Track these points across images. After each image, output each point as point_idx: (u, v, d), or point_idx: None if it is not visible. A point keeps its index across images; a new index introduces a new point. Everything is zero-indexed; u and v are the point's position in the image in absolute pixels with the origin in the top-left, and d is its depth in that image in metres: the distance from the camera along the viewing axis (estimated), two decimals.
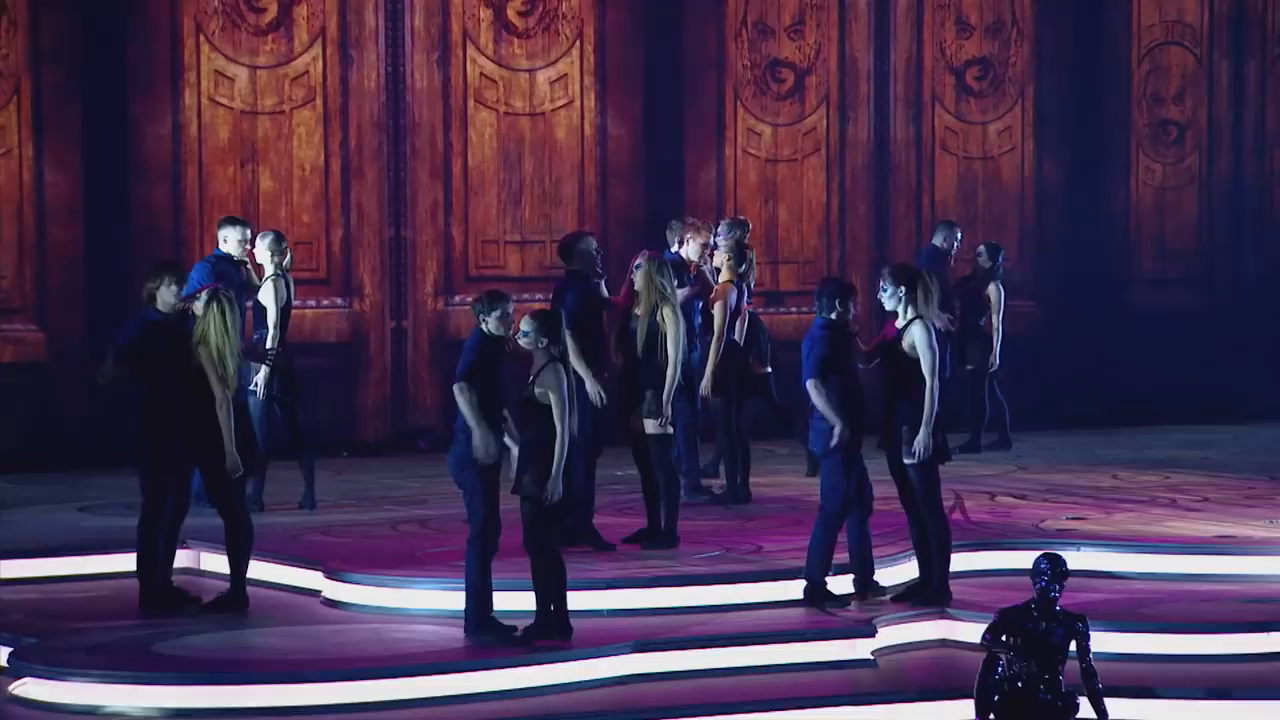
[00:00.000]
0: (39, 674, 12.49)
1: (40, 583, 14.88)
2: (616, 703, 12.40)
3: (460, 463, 12.91)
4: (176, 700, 12.13)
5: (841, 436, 13.56)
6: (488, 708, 12.20)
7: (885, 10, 21.93)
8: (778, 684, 12.75)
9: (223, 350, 13.73)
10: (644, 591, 13.89)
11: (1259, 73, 23.11)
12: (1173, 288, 22.93)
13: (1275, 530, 15.75)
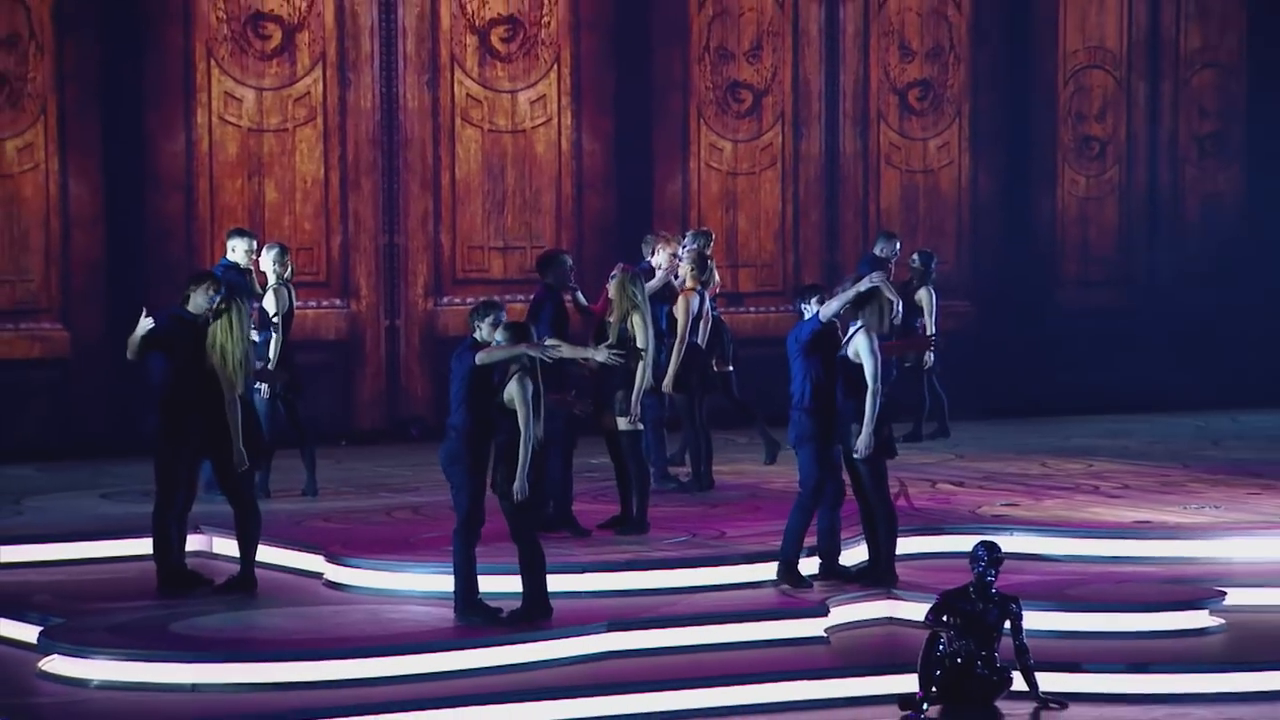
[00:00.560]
0: (66, 652, 12.43)
1: (65, 565, 14.78)
2: (593, 678, 12.35)
3: (450, 458, 12.86)
4: (191, 676, 12.08)
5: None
6: (475, 683, 12.14)
7: (835, 36, 21.88)
8: (740, 660, 12.71)
9: (232, 353, 13.68)
10: (618, 574, 13.83)
11: (1172, 93, 23.09)
12: (1095, 289, 22.92)
13: (1190, 515, 15.70)
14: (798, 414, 13.75)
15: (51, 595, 13.80)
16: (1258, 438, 20.21)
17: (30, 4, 19.35)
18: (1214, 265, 22.97)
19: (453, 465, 12.85)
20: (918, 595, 13.35)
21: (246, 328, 13.93)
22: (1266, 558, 14.72)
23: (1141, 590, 13.89)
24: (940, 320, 19.49)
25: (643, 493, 14.92)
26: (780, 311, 21.69)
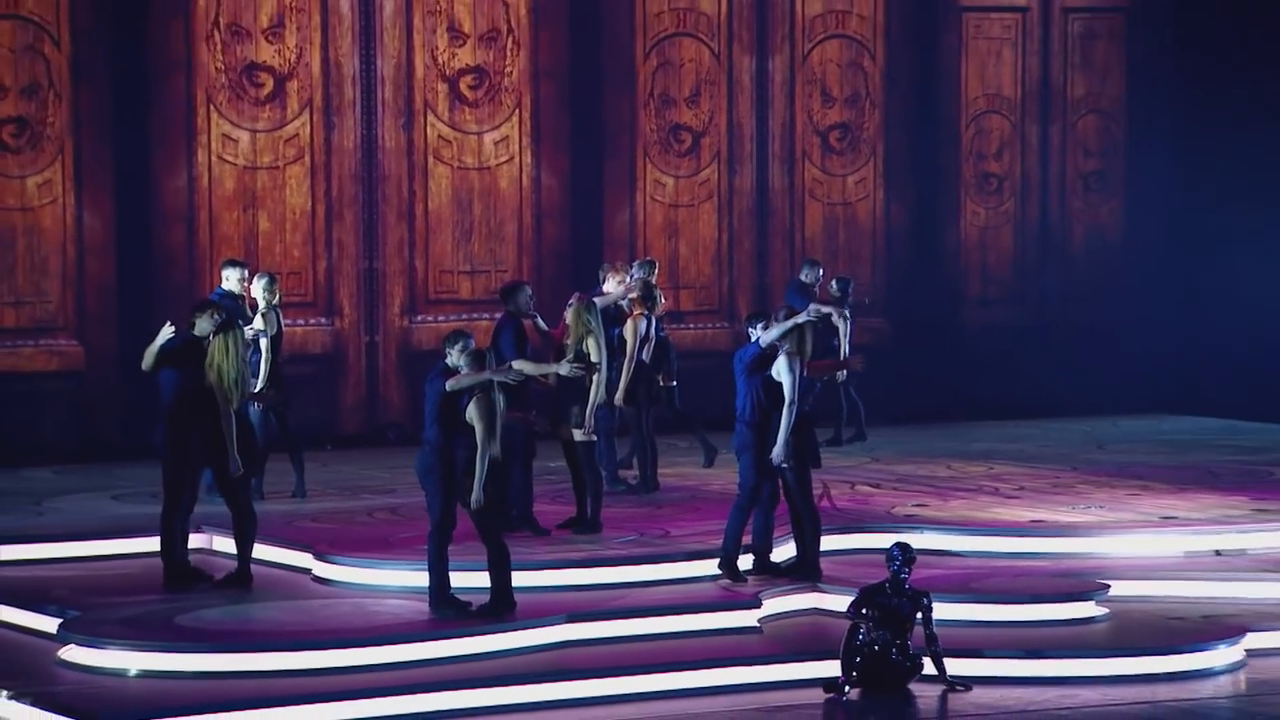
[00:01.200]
0: (81, 642, 12.38)
1: (81, 561, 14.72)
2: (553, 665, 12.36)
3: (424, 469, 12.85)
4: (194, 665, 12.04)
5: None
6: (447, 670, 12.13)
7: (765, 85, 21.85)
8: (683, 648, 12.70)
9: (228, 373, 13.64)
10: (575, 571, 13.82)
11: (1060, 135, 23.11)
12: (994, 307, 22.90)
13: (1078, 515, 15.70)
14: (740, 426, 13.77)
15: (69, 589, 13.72)
16: (1138, 442, 20.14)
17: (49, 56, 19.27)
18: (1098, 287, 22.96)
19: (427, 476, 12.83)
20: (840, 588, 13.37)
21: (242, 350, 13.91)
22: (1146, 553, 14.81)
23: (1035, 583, 13.91)
24: (855, 336, 19.47)
25: (596, 496, 14.90)
26: (716, 328, 21.73)
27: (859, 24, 22.24)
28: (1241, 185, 22.03)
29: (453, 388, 12.63)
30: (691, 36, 21.64)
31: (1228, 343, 21.83)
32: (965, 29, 22.79)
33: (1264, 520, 15.47)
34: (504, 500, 13.16)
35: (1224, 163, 22.22)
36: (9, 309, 19.37)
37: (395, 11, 20.44)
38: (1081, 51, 23.16)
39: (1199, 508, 15.89)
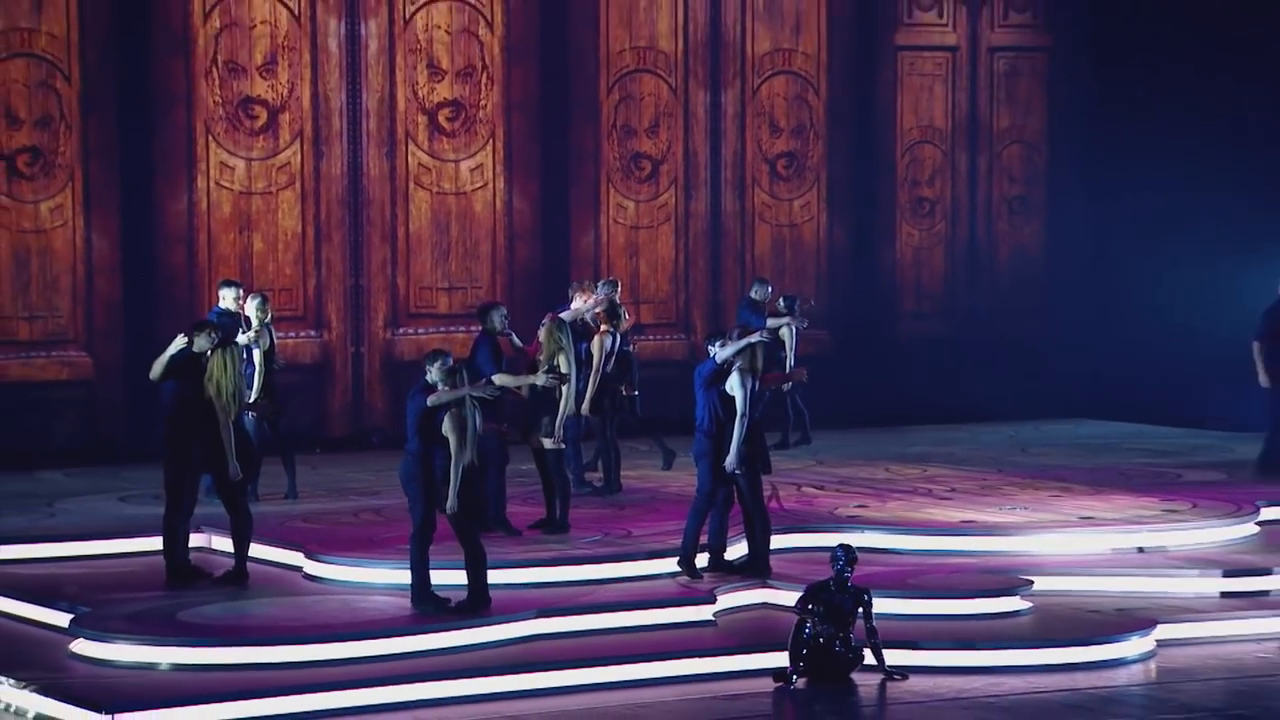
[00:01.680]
0: (90, 636, 12.30)
1: (90, 559, 14.62)
2: (524, 657, 12.31)
3: (407, 477, 12.81)
4: (195, 658, 12.01)
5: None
6: (428, 662, 12.10)
7: (718, 117, 21.83)
8: (644, 640, 12.67)
9: (225, 386, 13.58)
10: (544, 569, 13.77)
11: (987, 163, 23.13)
12: (927, 320, 22.91)
13: (1004, 515, 15.66)
14: (699, 434, 13.76)
15: (79, 586, 13.62)
16: (1057, 445, 20.11)
17: (60, 91, 19.18)
18: (1020, 302, 22.99)
19: (409, 483, 12.78)
20: (788, 585, 13.34)
21: (238, 365, 13.86)
22: (1066, 551, 14.76)
23: (966, 580, 13.89)
24: (800, 348, 19.44)
25: (564, 499, 14.85)
26: (674, 340, 21.70)
27: (804, 61, 22.22)
28: (1151, 210, 22.07)
29: (433, 403, 12.61)
30: (651, 73, 21.60)
31: (1137, 353, 21.85)
32: (900, 66, 22.79)
33: (1178, 520, 15.42)
34: (480, 505, 13.10)
35: (1135, 189, 22.25)
36: (24, 323, 19.26)
37: (379, 50, 20.38)
38: (1006, 87, 23.18)
39: (1114, 508, 15.86)
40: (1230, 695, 12.12)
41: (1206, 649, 13.05)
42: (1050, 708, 11.72)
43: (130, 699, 11.26)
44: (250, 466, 14.21)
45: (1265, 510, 15.83)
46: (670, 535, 14.20)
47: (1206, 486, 16.93)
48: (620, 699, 11.86)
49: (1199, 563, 14.39)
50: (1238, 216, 21.11)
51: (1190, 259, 21.52)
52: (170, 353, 13.55)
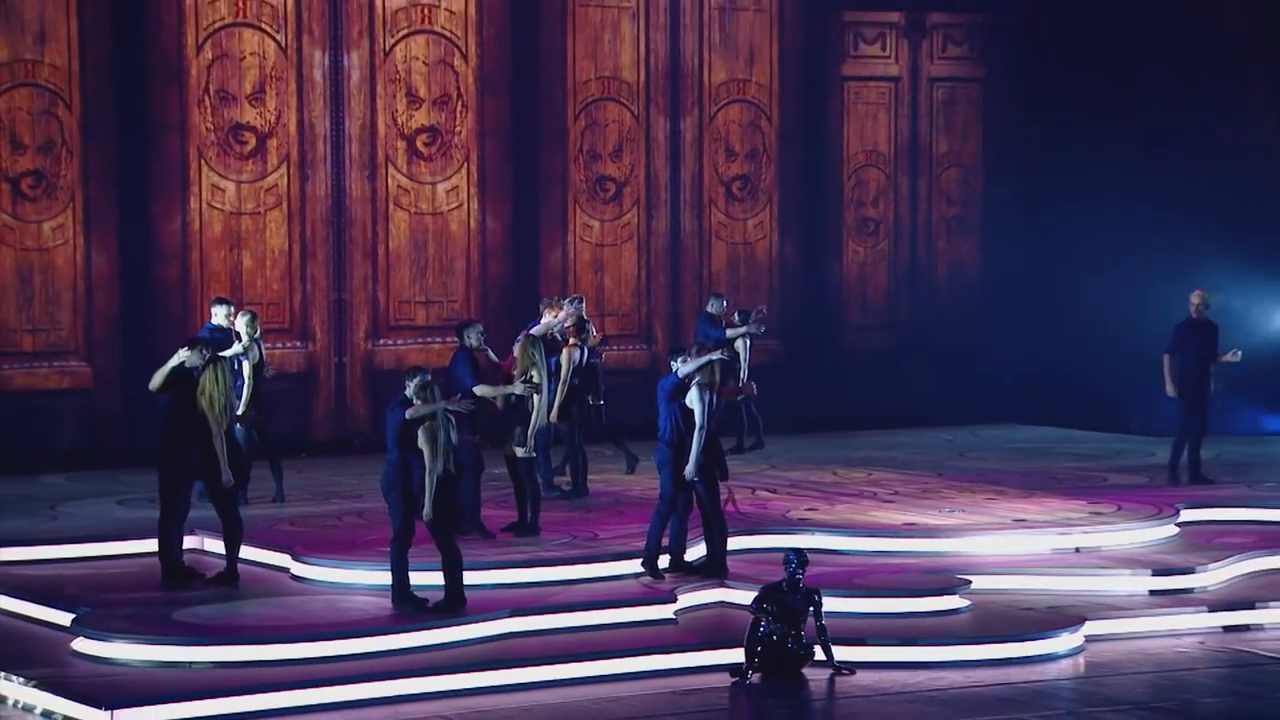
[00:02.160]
0: (91, 635, 12.21)
1: (90, 560, 14.51)
2: (498, 653, 12.27)
3: (387, 485, 12.77)
4: (190, 656, 11.93)
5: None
6: (408, 659, 12.04)
7: (678, 141, 21.81)
8: (610, 638, 12.61)
9: (217, 400, 13.51)
10: (516, 571, 13.71)
11: (926, 186, 23.14)
12: (871, 332, 22.92)
13: (944, 518, 15.64)
14: (660, 444, 13.75)
15: (79, 587, 13.52)
16: (992, 449, 20.10)
17: (62, 118, 19.07)
18: (958, 314, 23.01)
19: (389, 491, 12.73)
20: (744, 584, 13.30)
21: (229, 380, 13.78)
22: (1002, 552, 14.74)
23: (909, 580, 13.85)
24: (753, 358, 19.37)
25: (535, 504, 14.80)
26: (636, 350, 21.67)
27: (757, 90, 22.22)
28: (1078, 228, 22.12)
29: (410, 416, 12.55)
30: (615, 101, 21.57)
31: (1065, 361, 21.91)
32: (846, 95, 22.81)
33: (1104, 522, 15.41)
34: (456, 511, 13.04)
35: (1064, 209, 22.31)
36: (27, 335, 19.14)
37: (361, 80, 20.30)
38: (945, 115, 23.21)
39: (1045, 511, 15.85)
40: (1153, 688, 12.12)
41: (1133, 644, 13.05)
42: (986, 701, 11.70)
43: (128, 695, 11.20)
44: (241, 474, 14.15)
45: (1185, 513, 15.85)
46: (634, 538, 14.18)
47: (1130, 490, 16.93)
48: (588, 694, 11.81)
49: (1126, 563, 14.39)
50: (1158, 235, 21.17)
51: (1115, 274, 21.59)
52: (171, 365, 13.49)
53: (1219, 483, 17.29)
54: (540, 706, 11.55)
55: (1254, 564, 14.67)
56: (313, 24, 20.05)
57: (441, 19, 20.61)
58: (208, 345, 13.88)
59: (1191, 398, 17.23)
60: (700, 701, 11.72)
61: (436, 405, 12.54)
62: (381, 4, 20.33)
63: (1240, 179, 21.47)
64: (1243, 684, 12.21)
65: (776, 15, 22.20)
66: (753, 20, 22.13)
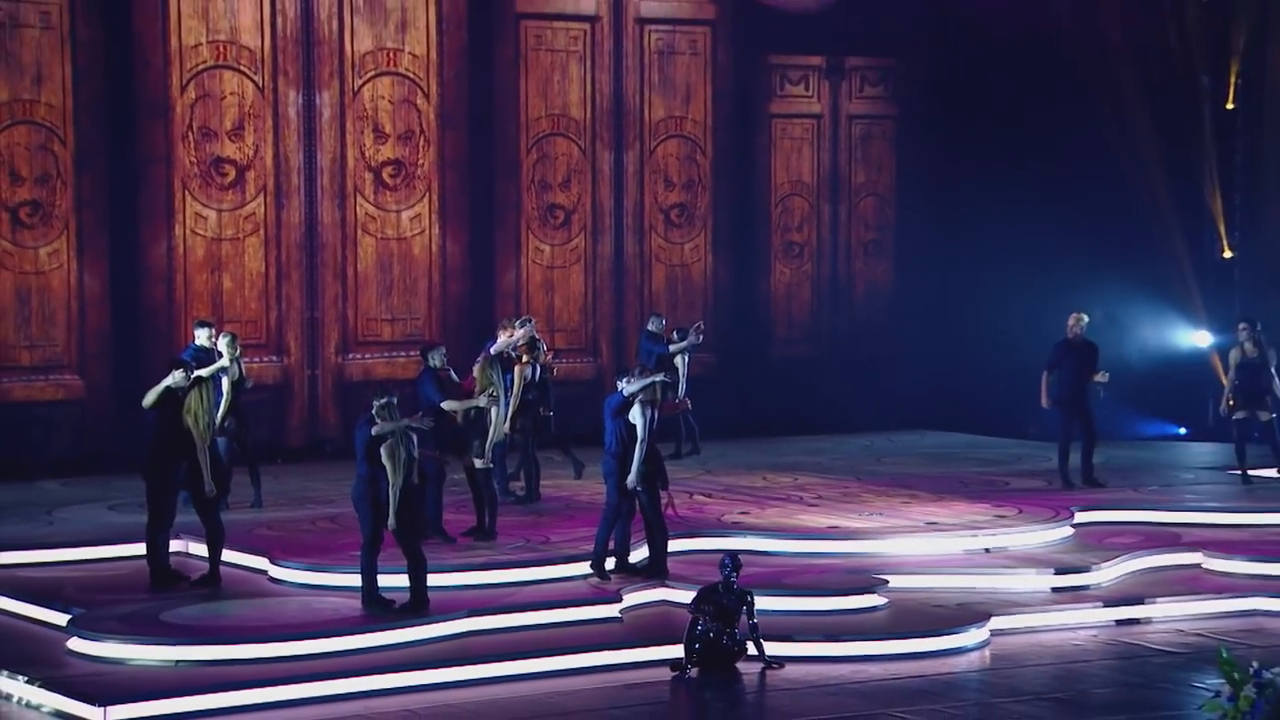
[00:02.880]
0: (85, 635, 12.08)
1: (84, 563, 14.33)
2: (459, 651, 12.20)
3: (357, 497, 12.70)
4: (177, 655, 11.82)
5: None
6: (376, 657, 11.95)
7: (621, 173, 21.79)
8: (561, 635, 12.54)
9: (201, 417, 13.42)
10: (475, 573, 13.62)
11: (846, 212, 23.16)
12: (796, 345, 22.94)
13: (863, 521, 15.60)
14: (607, 456, 13.70)
15: (74, 589, 13.38)
16: (906, 455, 20.09)
17: (57, 152, 18.92)
18: (874, 329, 23.09)
19: (359, 502, 12.66)
20: (684, 585, 13.24)
21: (212, 400, 13.70)
22: (916, 553, 14.70)
23: (832, 579, 13.78)
24: (691, 369, 19.38)
25: (493, 511, 14.74)
26: (584, 363, 21.63)
27: (693, 126, 22.22)
28: (982, 251, 22.20)
29: (376, 433, 12.48)
30: (564, 136, 21.52)
31: (971, 372, 22.00)
32: (774, 131, 22.84)
33: (1007, 524, 15.40)
34: (420, 518, 12.96)
35: (970, 234, 22.40)
36: (25, 350, 18.97)
37: (331, 117, 20.19)
38: (862, 149, 23.27)
39: (954, 514, 15.81)
40: (1052, 679, 12.15)
41: (1034, 638, 13.04)
42: (903, 692, 11.70)
43: (120, 692, 11.08)
44: (222, 484, 14.03)
45: (1079, 515, 15.91)
46: (583, 541, 14.13)
47: (1030, 494, 16.94)
48: (541, 687, 11.75)
49: (1029, 562, 14.41)
50: (1054, 257, 21.30)
51: (1015, 293, 21.69)
52: (163, 386, 13.36)
53: (1109, 486, 17.35)
54: (498, 700, 11.49)
55: (1142, 562, 14.73)
56: (287, 66, 19.93)
57: (405, 61, 20.52)
58: (190, 366, 13.78)
59: (1071, 410, 17.24)
60: (643, 695, 11.68)
61: (398, 423, 12.47)
62: (350, 48, 20.23)
63: (1126, 206, 21.62)
64: (1131, 674, 12.25)
65: (710, 58, 22.20)
66: (689, 63, 22.12)
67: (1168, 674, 12.20)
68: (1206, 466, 18.97)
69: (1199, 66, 21.49)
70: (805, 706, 11.42)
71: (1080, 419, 17.26)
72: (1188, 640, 13.00)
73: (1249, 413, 17.70)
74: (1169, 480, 18.11)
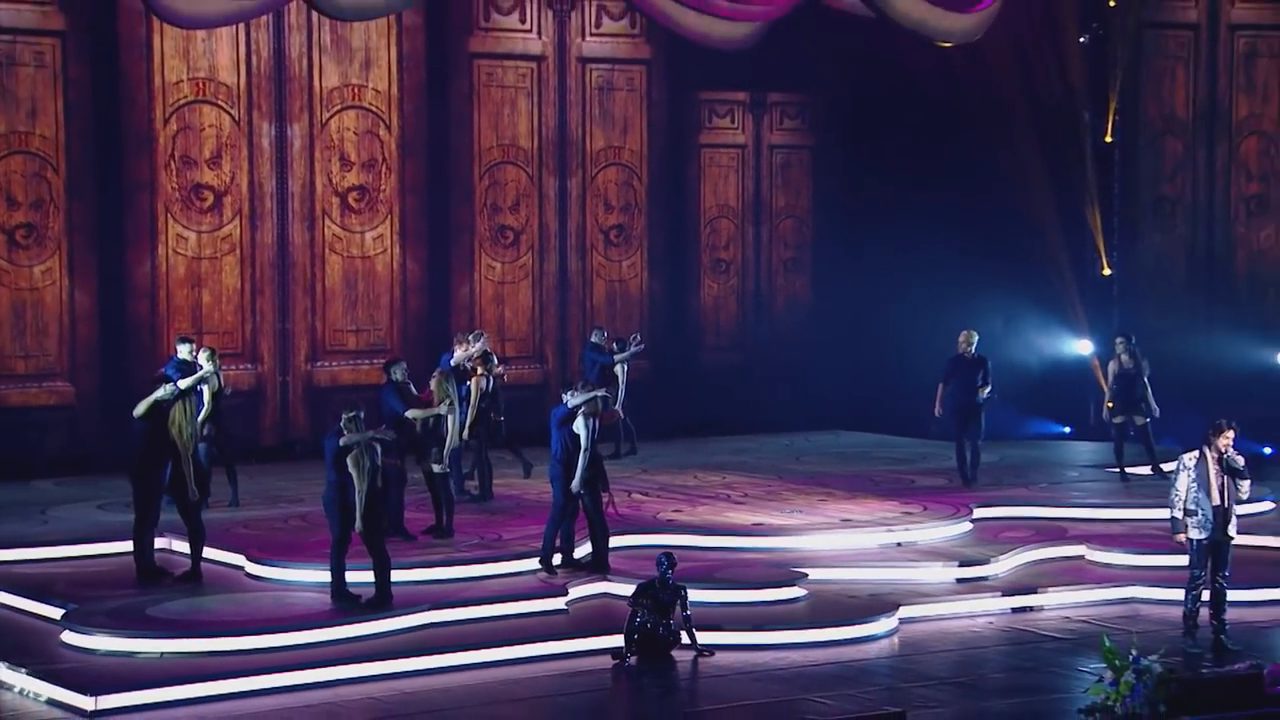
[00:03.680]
0: (76, 629, 11.95)
1: (75, 560, 14.15)
2: (420, 641, 12.14)
3: (327, 502, 12.66)
4: (162, 647, 11.76)
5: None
6: (344, 648, 11.91)
7: (565, 197, 21.70)
8: (513, 626, 12.52)
9: (185, 428, 13.31)
10: (434, 569, 13.55)
11: (769, 233, 23.15)
12: (723, 352, 22.85)
13: (785, 518, 15.57)
14: (553, 462, 13.68)
15: (66, 584, 13.22)
16: (822, 454, 20.04)
17: (50, 180, 18.67)
18: (794, 338, 23.03)
19: (329, 507, 12.59)
20: (624, 579, 13.23)
21: (194, 411, 13.58)
22: (832, 547, 14.70)
23: (760, 573, 13.77)
24: (630, 375, 19.32)
25: (450, 510, 14.68)
26: (531, 368, 21.53)
27: (630, 155, 22.15)
28: (891, 267, 22.20)
29: (343, 444, 12.40)
30: (513, 164, 21.40)
31: (881, 378, 21.97)
32: (703, 159, 22.75)
33: (913, 520, 15.40)
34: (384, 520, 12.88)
35: (879, 252, 22.36)
36: (20, 360, 18.72)
37: (302, 146, 20.00)
38: (782, 176, 23.24)
39: (866, 511, 15.83)
40: (955, 664, 12.21)
41: (939, 625, 13.08)
42: (821, 677, 11.72)
43: (110, 683, 10.99)
44: (203, 489, 13.92)
45: (977, 511, 15.98)
46: (532, 539, 14.07)
47: (933, 491, 16.99)
48: (495, 675, 11.73)
49: (934, 555, 14.48)
50: (954, 273, 21.35)
51: (920, 304, 21.69)
52: (156, 397, 13.21)
53: (1003, 484, 17.44)
54: (456, 687, 11.46)
55: (1033, 554, 14.82)
56: (261, 101, 19.73)
57: (369, 96, 20.36)
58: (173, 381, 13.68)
59: (961, 418, 17.26)
60: (587, 681, 11.67)
61: (363, 435, 12.40)
62: (319, 84, 20.06)
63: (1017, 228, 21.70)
64: (1024, 659, 12.32)
65: (645, 94, 22.15)
66: (626, 98, 22.06)
67: (1056, 659, 12.28)
68: (1089, 465, 19.10)
69: (1081, 104, 21.66)
70: (734, 691, 11.43)
71: (970, 427, 17.33)
72: (1073, 627, 13.09)
73: (1126, 417, 17.90)
74: (1056, 478, 18.21)
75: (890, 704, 10.76)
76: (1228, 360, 21.38)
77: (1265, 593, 13.71)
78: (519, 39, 21.29)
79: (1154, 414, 17.78)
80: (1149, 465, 17.92)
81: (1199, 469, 12.30)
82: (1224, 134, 22.46)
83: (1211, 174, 22.59)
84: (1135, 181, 22.09)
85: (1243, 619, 12.92)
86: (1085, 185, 21.76)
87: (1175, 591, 12.94)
